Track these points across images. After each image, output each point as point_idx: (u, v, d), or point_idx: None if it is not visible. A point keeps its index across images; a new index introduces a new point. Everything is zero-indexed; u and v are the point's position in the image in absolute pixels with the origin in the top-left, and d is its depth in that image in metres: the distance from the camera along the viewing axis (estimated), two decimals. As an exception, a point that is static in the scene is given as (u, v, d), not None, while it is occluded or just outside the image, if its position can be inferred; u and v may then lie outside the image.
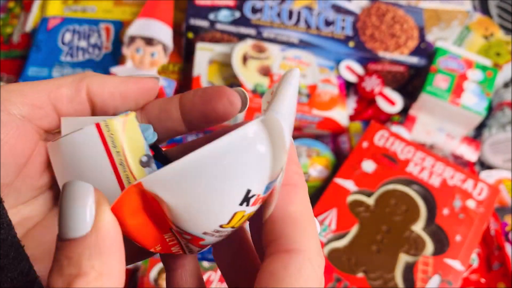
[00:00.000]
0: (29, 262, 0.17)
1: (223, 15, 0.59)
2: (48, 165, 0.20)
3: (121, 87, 0.20)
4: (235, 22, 0.59)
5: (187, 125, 0.21)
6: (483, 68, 0.60)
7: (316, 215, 0.49)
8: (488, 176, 0.61)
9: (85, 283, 0.14)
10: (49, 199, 0.21)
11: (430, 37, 0.71)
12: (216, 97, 0.20)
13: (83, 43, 0.61)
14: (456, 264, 0.47)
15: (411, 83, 0.66)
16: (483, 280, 0.52)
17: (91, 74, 0.20)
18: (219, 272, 0.47)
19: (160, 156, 0.21)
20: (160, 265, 0.48)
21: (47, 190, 0.21)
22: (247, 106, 0.21)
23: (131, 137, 0.19)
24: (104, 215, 0.15)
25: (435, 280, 0.47)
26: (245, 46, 0.57)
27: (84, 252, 0.15)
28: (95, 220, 0.15)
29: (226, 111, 0.20)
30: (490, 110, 0.64)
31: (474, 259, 0.53)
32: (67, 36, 0.61)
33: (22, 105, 0.19)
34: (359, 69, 0.62)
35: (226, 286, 0.21)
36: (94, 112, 0.21)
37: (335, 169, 0.55)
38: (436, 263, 0.47)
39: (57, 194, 0.21)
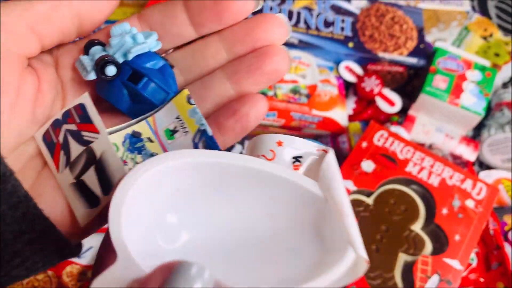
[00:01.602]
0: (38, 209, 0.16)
1: (223, 16, 0.59)
2: (39, 96, 0.18)
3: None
4: (235, 23, 0.59)
5: (196, 28, 0.19)
6: (482, 69, 0.60)
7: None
8: (487, 176, 0.61)
9: None
10: None
11: (429, 38, 0.71)
12: None
13: (84, 44, 0.61)
14: (455, 263, 0.47)
15: (411, 84, 0.66)
16: (482, 280, 0.52)
17: None
18: None
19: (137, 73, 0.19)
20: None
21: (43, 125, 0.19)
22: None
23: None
24: None
25: (434, 279, 0.47)
26: (245, 47, 0.57)
27: None
28: None
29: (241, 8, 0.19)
30: (489, 110, 0.65)
31: (473, 259, 0.53)
32: (68, 37, 0.61)
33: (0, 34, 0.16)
34: (358, 70, 0.62)
35: None
36: (80, 26, 0.18)
37: (334, 169, 0.56)
38: (435, 262, 0.47)
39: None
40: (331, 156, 0.19)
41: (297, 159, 0.20)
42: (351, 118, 0.64)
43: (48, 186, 0.18)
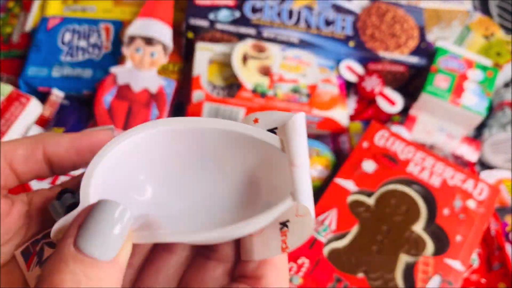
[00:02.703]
0: None
1: (223, 14, 0.59)
2: (8, 218, 0.21)
3: (75, 143, 0.22)
4: (235, 22, 0.59)
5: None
6: (484, 68, 0.60)
7: (316, 215, 0.49)
8: (488, 176, 0.61)
9: None
10: (11, 250, 0.21)
11: (430, 37, 0.71)
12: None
13: (83, 43, 0.61)
14: (456, 264, 0.47)
15: (412, 83, 0.66)
16: (483, 280, 0.52)
17: (47, 135, 0.22)
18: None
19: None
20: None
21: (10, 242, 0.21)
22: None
23: None
24: (126, 250, 0.17)
25: (436, 280, 0.47)
26: (245, 46, 0.57)
27: (105, 279, 0.16)
28: (118, 252, 0.16)
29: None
30: (491, 110, 0.64)
31: (475, 259, 0.53)
32: (67, 36, 0.61)
33: None
34: (359, 69, 0.62)
35: None
36: (52, 169, 0.22)
37: (335, 169, 0.55)
38: (437, 263, 0.47)
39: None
40: (299, 116, 0.21)
41: (272, 130, 0.21)
42: (351, 118, 0.63)
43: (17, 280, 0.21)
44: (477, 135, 0.65)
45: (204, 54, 0.57)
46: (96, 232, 0.16)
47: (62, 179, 0.47)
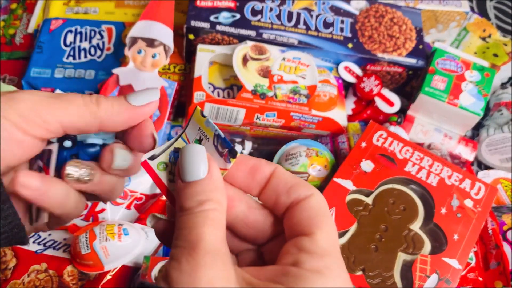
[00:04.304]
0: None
1: (224, 16, 0.60)
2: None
3: (127, 113, 0.25)
4: (235, 24, 0.59)
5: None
6: (481, 69, 0.61)
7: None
8: (485, 176, 0.62)
9: (212, 205, 0.21)
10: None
11: (428, 39, 0.71)
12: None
13: (85, 44, 0.61)
14: (454, 263, 0.48)
15: (409, 84, 0.66)
16: (480, 279, 0.52)
17: (103, 98, 0.24)
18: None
19: None
20: (161, 264, 0.48)
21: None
22: None
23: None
24: (214, 166, 0.22)
25: (433, 278, 0.47)
26: (246, 48, 0.57)
27: (207, 188, 0.22)
28: (209, 169, 0.22)
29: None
30: (488, 110, 0.65)
31: (472, 258, 0.53)
32: (69, 38, 0.62)
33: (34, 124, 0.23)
34: (357, 70, 0.63)
35: None
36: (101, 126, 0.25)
37: (334, 169, 0.56)
38: (434, 261, 0.48)
39: None
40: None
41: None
42: (350, 118, 0.64)
43: None
44: (474, 135, 0.65)
45: (205, 55, 0.58)
46: (189, 165, 0.22)
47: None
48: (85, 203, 0.27)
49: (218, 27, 0.59)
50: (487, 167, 0.64)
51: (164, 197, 0.55)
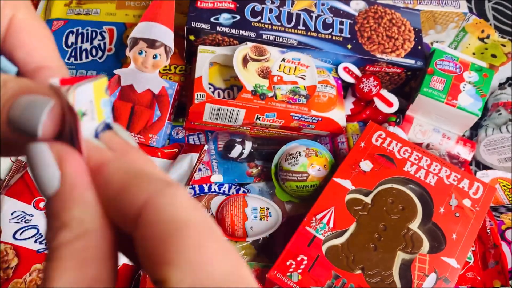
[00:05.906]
0: None
1: (224, 18, 0.60)
2: None
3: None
4: (235, 25, 0.60)
5: None
6: (479, 70, 0.61)
7: (315, 214, 0.50)
8: (484, 175, 0.62)
9: (69, 233, 0.15)
10: None
11: (427, 39, 0.72)
12: None
13: (86, 45, 0.62)
14: (452, 262, 0.48)
15: (408, 85, 0.67)
16: (479, 278, 0.53)
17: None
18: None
19: None
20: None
21: None
22: None
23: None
24: (66, 168, 0.16)
25: (432, 277, 0.47)
26: (246, 49, 0.58)
27: (62, 206, 0.16)
28: (60, 175, 0.16)
29: None
30: (486, 110, 0.65)
31: (470, 257, 0.54)
32: (71, 38, 0.62)
33: None
34: (357, 71, 0.63)
35: None
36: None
37: (333, 169, 0.56)
38: (433, 261, 0.48)
39: None
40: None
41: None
42: (349, 119, 0.64)
43: None
44: (472, 136, 0.66)
45: (205, 56, 0.58)
46: (37, 177, 0.17)
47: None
48: None
49: (219, 28, 0.59)
50: (486, 167, 0.64)
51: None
